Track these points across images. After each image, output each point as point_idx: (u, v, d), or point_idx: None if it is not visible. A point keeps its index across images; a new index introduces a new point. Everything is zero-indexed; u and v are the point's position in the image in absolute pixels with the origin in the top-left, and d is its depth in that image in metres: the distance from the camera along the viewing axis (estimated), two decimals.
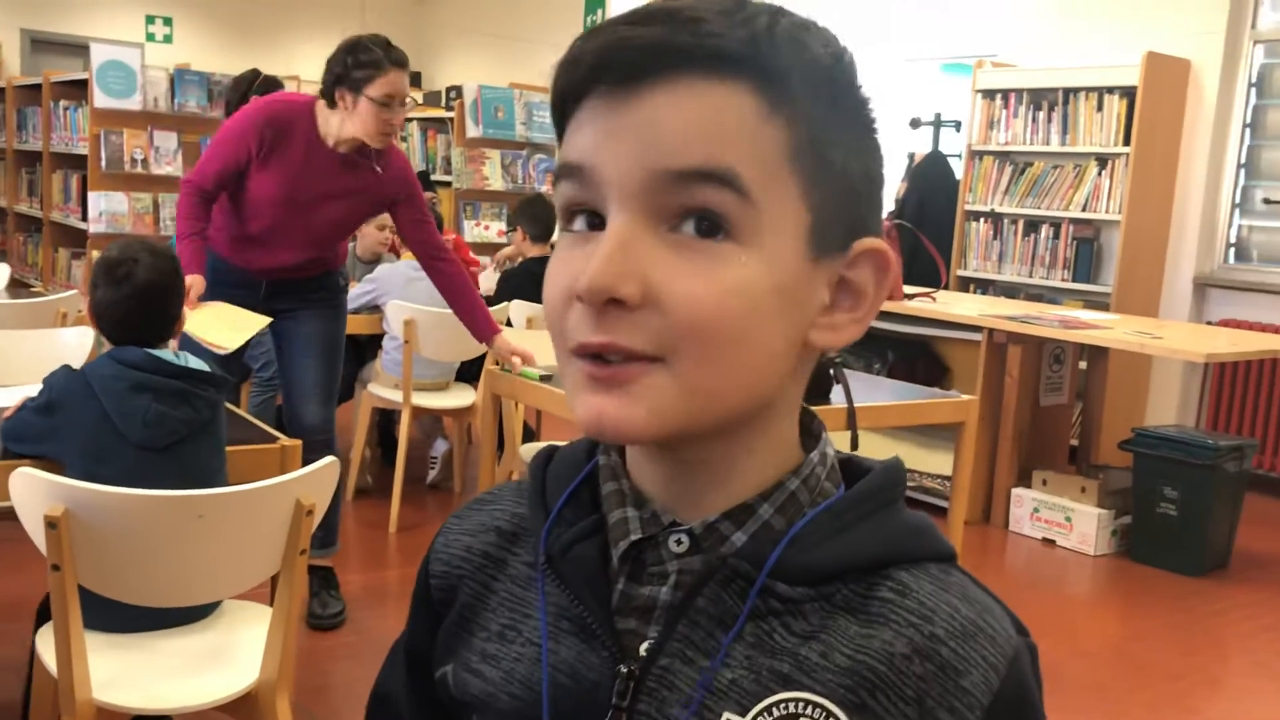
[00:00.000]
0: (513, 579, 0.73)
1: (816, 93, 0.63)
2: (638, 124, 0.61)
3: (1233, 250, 5.70)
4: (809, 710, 0.62)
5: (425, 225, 3.28)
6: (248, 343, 3.17)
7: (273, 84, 4.50)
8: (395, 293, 4.30)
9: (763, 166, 0.61)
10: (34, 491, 1.80)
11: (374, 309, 4.45)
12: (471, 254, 5.40)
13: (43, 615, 2.19)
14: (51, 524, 1.76)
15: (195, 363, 2.13)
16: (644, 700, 0.65)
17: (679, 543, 0.66)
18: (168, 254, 2.20)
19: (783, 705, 0.63)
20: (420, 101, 3.30)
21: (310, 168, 3.06)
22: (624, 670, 0.65)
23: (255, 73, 4.51)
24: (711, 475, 0.66)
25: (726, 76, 0.60)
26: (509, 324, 4.26)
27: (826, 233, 0.64)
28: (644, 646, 0.66)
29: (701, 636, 0.65)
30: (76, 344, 3.07)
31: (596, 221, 0.63)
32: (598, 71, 0.62)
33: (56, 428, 2.04)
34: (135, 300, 2.10)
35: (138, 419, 2.02)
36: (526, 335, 3.87)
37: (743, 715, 0.63)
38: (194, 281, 2.98)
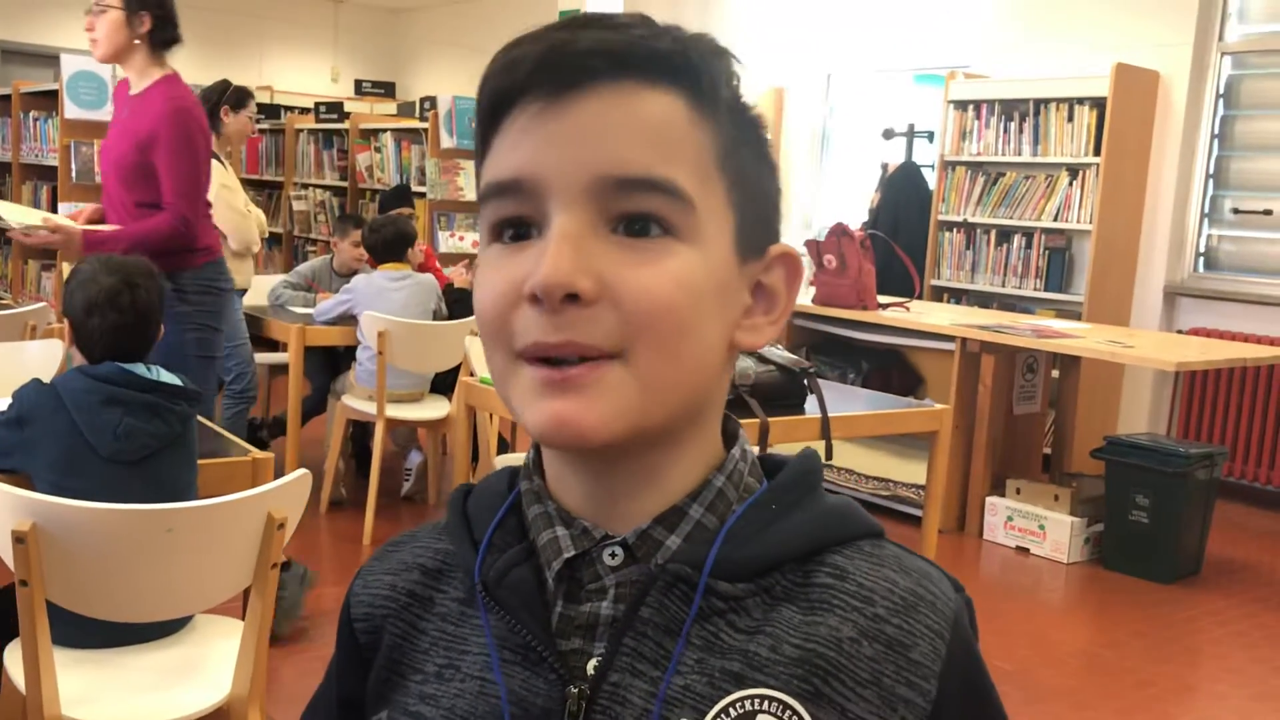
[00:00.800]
0: (443, 617, 0.71)
1: (731, 103, 0.66)
2: (580, 129, 0.61)
3: (1202, 259, 5.76)
4: (766, 705, 0.62)
5: (164, 177, 3.07)
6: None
7: (244, 94, 4.49)
8: (369, 303, 4.29)
9: (697, 170, 0.63)
10: (1, 506, 1.78)
11: (349, 319, 4.43)
12: (437, 263, 5.37)
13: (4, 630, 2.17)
14: (20, 539, 1.74)
15: (167, 376, 2.12)
16: (597, 719, 0.64)
17: (613, 555, 0.66)
18: (152, 271, 2.20)
19: (739, 705, 0.62)
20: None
21: (114, 120, 3.23)
22: (574, 691, 0.64)
23: (225, 83, 4.50)
24: (642, 483, 0.66)
25: (661, 82, 0.63)
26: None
27: (748, 236, 0.67)
28: (591, 665, 0.65)
29: (650, 647, 0.64)
30: (45, 356, 3.04)
31: (525, 232, 0.63)
32: (540, 74, 0.62)
33: (26, 441, 2.02)
34: (135, 324, 2.10)
35: (109, 432, 2.00)
36: None
37: (699, 719, 0.62)
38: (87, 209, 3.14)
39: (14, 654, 1.95)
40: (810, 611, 0.64)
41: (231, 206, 4.35)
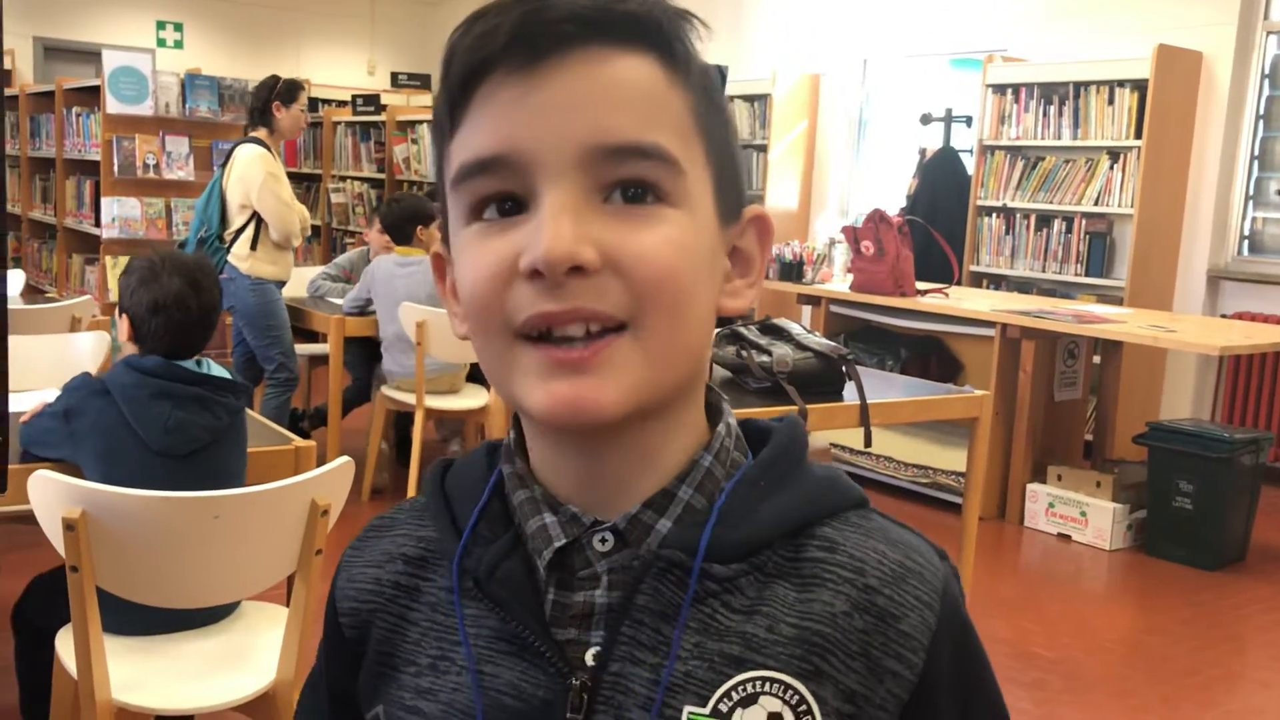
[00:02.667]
0: (433, 607, 0.70)
1: (698, 65, 0.65)
2: (562, 99, 0.60)
3: (1246, 243, 5.67)
4: (768, 687, 0.62)
5: None
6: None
7: (294, 87, 4.53)
8: (377, 289, 4.34)
9: (679, 132, 0.62)
10: (52, 494, 1.81)
11: (371, 310, 4.48)
12: None
13: (26, 614, 2.21)
14: (70, 526, 1.77)
15: (217, 370, 2.14)
16: (600, 709, 0.63)
17: (603, 541, 0.65)
18: (212, 269, 2.23)
19: (741, 688, 0.62)
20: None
21: None
22: (575, 683, 0.64)
23: (275, 78, 4.53)
24: (632, 466, 0.65)
25: (635, 45, 0.62)
26: None
27: (725, 199, 0.66)
28: (590, 654, 0.64)
29: (648, 634, 0.64)
30: (91, 349, 3.08)
31: (510, 207, 0.61)
32: (517, 44, 0.60)
33: (74, 434, 2.05)
34: (198, 324, 2.12)
35: (159, 426, 2.02)
36: None
37: (703, 705, 0.62)
38: None
39: (65, 639, 1.99)
40: (804, 588, 0.64)
41: (276, 195, 4.39)
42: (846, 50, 7.15)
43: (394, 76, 11.29)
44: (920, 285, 5.00)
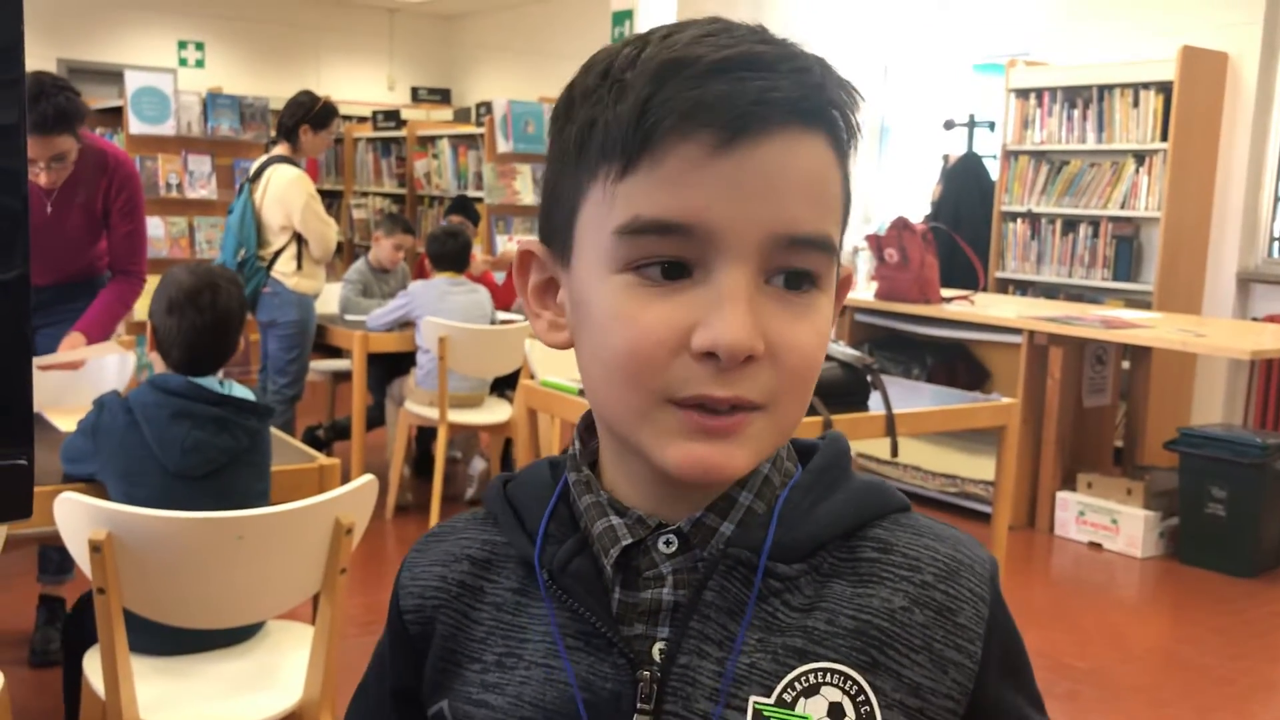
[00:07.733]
0: (498, 606, 0.73)
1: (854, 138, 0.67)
2: (757, 182, 0.61)
3: (1276, 244, 5.60)
4: (828, 677, 0.65)
5: (133, 237, 3.24)
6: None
7: (329, 115, 4.55)
8: (429, 308, 4.32)
9: (836, 216, 0.66)
10: (78, 516, 1.81)
11: (404, 325, 4.46)
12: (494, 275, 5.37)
13: (73, 634, 2.21)
14: (96, 548, 1.77)
15: (240, 390, 2.13)
16: (670, 700, 0.66)
17: (668, 543, 0.68)
18: (235, 277, 2.22)
19: (803, 678, 0.65)
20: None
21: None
22: (646, 674, 0.66)
23: (311, 99, 4.52)
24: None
25: (818, 128, 0.63)
26: None
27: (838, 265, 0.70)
28: (657, 648, 0.67)
29: (714, 629, 0.67)
30: (118, 366, 3.09)
31: (675, 271, 0.62)
32: (724, 114, 0.60)
33: (98, 451, 2.06)
34: (214, 326, 2.10)
35: (176, 447, 2.02)
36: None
37: (768, 695, 0.65)
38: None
39: (93, 661, 1.99)
40: (861, 584, 0.67)
41: (319, 217, 4.41)
42: (868, 57, 7.13)
43: (414, 91, 11.35)
44: (945, 292, 4.96)
